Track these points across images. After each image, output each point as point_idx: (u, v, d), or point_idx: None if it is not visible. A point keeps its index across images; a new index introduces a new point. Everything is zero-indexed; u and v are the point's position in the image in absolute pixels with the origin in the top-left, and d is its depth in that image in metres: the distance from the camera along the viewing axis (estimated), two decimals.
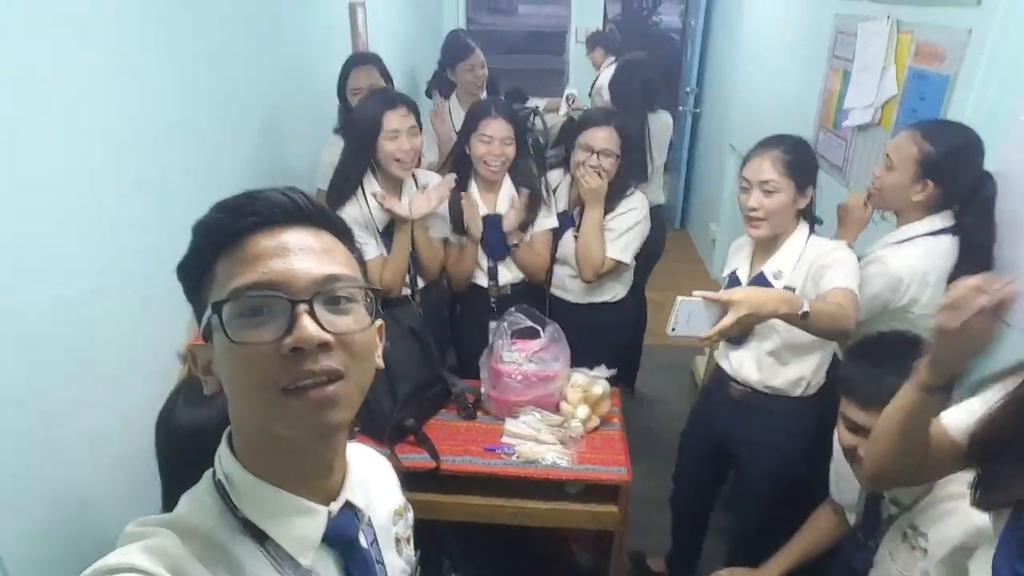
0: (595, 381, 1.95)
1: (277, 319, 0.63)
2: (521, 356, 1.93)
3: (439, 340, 2.21)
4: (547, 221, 2.24)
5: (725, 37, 4.87)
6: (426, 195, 2.01)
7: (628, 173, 2.23)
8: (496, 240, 2.20)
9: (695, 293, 1.50)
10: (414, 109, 2.01)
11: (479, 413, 2.00)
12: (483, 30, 6.62)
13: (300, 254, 0.66)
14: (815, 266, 1.66)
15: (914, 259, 1.64)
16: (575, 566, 2.35)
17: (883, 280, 1.65)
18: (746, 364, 1.84)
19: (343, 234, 0.73)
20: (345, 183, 2.04)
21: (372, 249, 2.04)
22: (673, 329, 1.56)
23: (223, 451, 0.71)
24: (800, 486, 1.83)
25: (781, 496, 1.88)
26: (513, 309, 1.99)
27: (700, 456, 2.07)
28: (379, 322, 0.73)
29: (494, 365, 1.93)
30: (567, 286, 2.32)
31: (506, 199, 2.20)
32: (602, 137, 2.12)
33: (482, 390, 2.00)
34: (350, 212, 2.01)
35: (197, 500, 0.70)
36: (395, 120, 1.94)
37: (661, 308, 2.23)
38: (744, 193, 1.73)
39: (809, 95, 2.97)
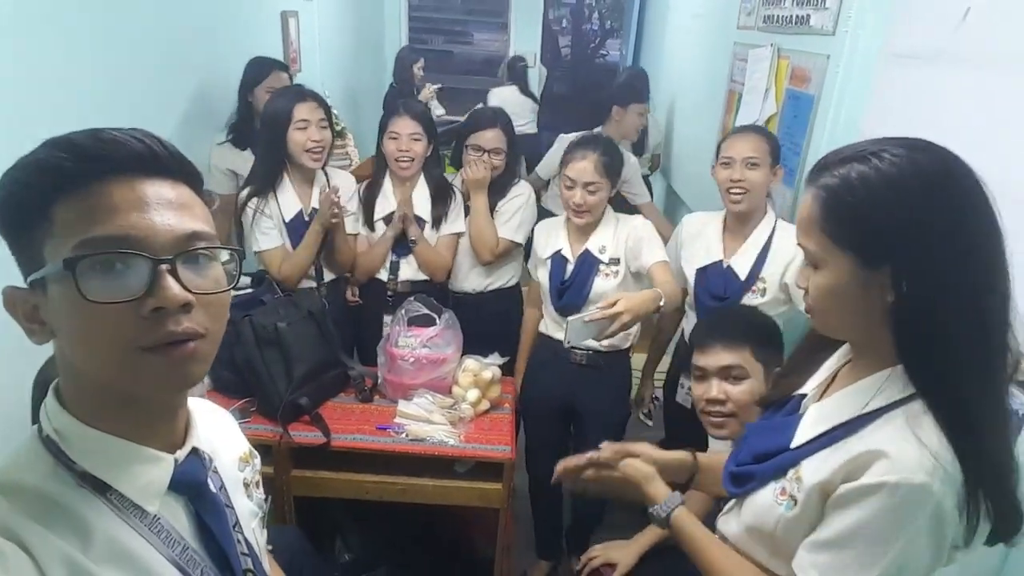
0: (486, 367, 2.05)
1: (135, 276, 0.60)
2: (416, 341, 2.02)
3: (345, 331, 2.28)
4: (455, 224, 2.35)
5: (650, 65, 5.14)
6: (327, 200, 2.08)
7: (514, 164, 2.42)
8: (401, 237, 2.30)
9: (584, 317, 1.74)
10: (324, 106, 2.11)
11: (376, 397, 2.08)
12: (430, 51, 6.83)
13: (159, 208, 0.63)
14: (631, 239, 2.00)
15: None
16: (473, 553, 2.42)
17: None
18: None
19: (198, 185, 0.70)
20: (264, 177, 2.12)
21: (274, 240, 2.12)
22: (568, 343, 1.82)
23: (51, 406, 0.67)
24: (624, 425, 2.19)
25: (616, 434, 2.09)
26: (412, 298, 2.09)
27: (549, 420, 2.23)
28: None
29: (390, 349, 2.01)
30: (464, 276, 2.43)
31: (421, 197, 2.31)
32: (490, 137, 2.28)
33: (379, 375, 2.08)
34: (256, 204, 2.09)
35: (23, 457, 0.67)
36: (305, 111, 2.04)
37: None
38: (569, 190, 1.99)
39: (713, 116, 3.18)
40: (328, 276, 2.28)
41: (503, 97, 5.05)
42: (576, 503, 2.41)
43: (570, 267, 2.05)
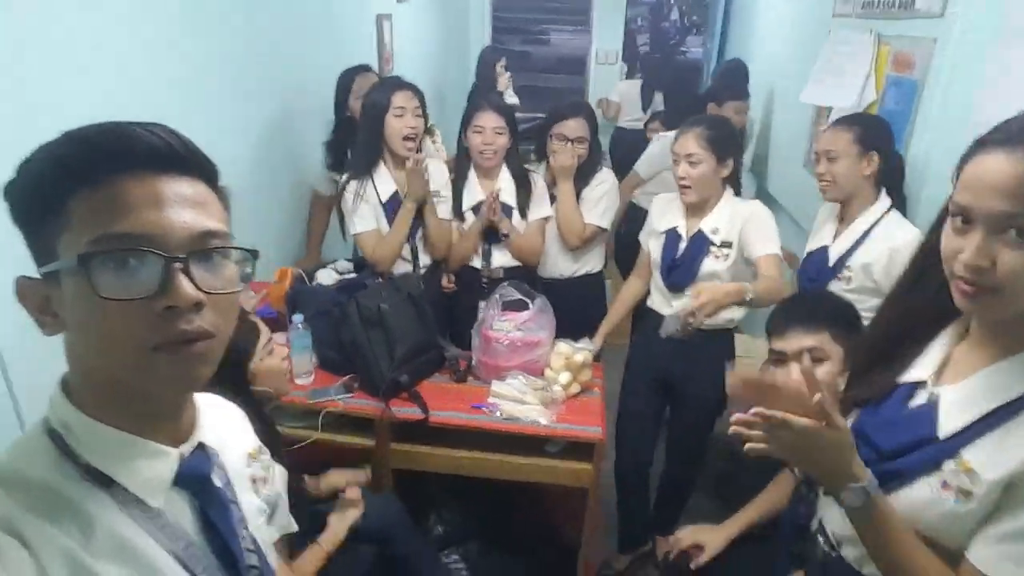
0: (578, 350, 2.09)
1: (148, 273, 0.60)
2: (510, 325, 2.08)
3: (439, 316, 2.38)
4: (542, 210, 2.41)
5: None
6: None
7: (597, 152, 2.48)
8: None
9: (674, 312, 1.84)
10: (419, 95, 2.22)
11: (470, 378, 2.16)
12: (510, 51, 6.94)
13: (176, 205, 0.62)
14: (746, 224, 2.01)
15: (913, 232, 1.84)
16: (556, 534, 2.46)
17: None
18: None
19: (214, 181, 0.69)
20: (364, 161, 2.25)
21: (370, 222, 2.24)
22: (664, 333, 1.88)
23: (57, 399, 0.67)
24: (720, 407, 2.22)
25: (709, 416, 2.22)
26: (505, 283, 2.16)
27: (646, 394, 2.27)
28: (250, 296, 0.79)
29: (484, 332, 2.09)
30: (553, 262, 2.50)
31: (506, 188, 2.38)
32: (574, 126, 2.35)
33: (473, 357, 2.15)
34: (355, 188, 2.21)
35: (27, 449, 0.66)
36: (402, 99, 2.17)
37: None
38: (676, 165, 2.03)
39: (807, 108, 3.12)
40: (424, 261, 2.39)
41: (623, 90, 5.14)
42: (664, 488, 2.41)
43: (683, 245, 2.10)
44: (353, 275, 2.22)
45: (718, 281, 2.00)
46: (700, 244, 2.06)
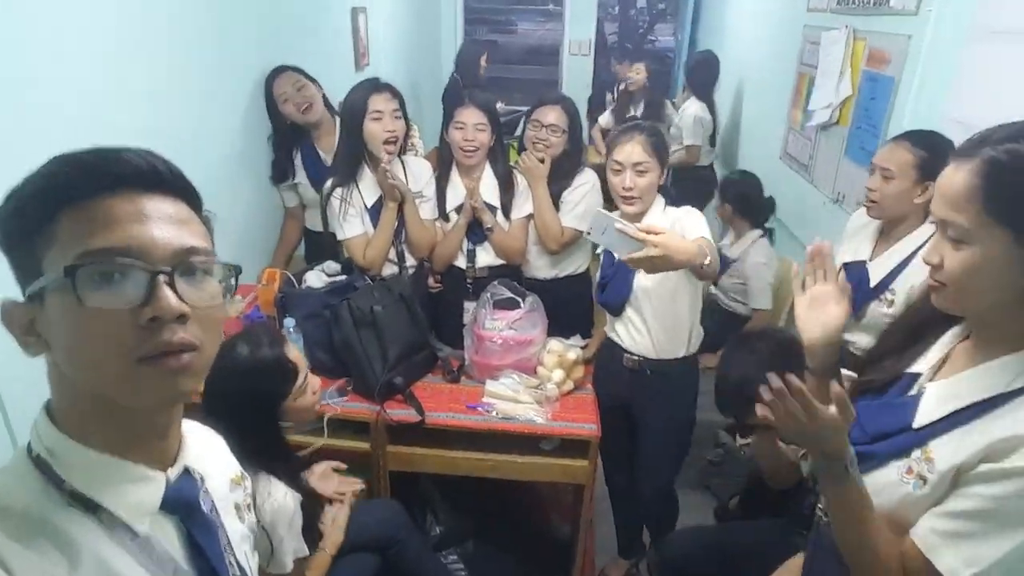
0: (570, 348, 2.12)
1: (133, 287, 0.61)
2: (502, 323, 2.10)
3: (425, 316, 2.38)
4: (525, 208, 2.42)
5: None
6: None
7: (578, 151, 2.45)
8: (475, 225, 2.37)
9: (616, 223, 1.56)
10: (399, 96, 2.20)
11: (463, 378, 2.17)
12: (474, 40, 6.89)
13: (159, 222, 0.64)
14: (678, 226, 1.81)
15: None
16: (551, 531, 2.51)
17: None
18: (636, 338, 2.00)
19: (197, 204, 0.71)
20: (346, 168, 2.23)
21: (357, 227, 2.23)
22: (588, 233, 1.65)
23: (41, 423, 0.67)
24: (690, 427, 2.10)
25: (677, 441, 2.11)
26: (496, 282, 2.17)
27: (610, 424, 2.06)
28: (238, 301, 0.80)
29: (477, 331, 2.10)
30: (534, 264, 2.49)
31: (488, 186, 2.39)
32: (551, 115, 2.33)
33: (465, 356, 2.17)
34: (340, 194, 2.20)
35: (11, 477, 0.66)
36: (380, 102, 2.13)
37: None
38: (617, 176, 1.88)
39: (780, 101, 3.18)
40: (410, 262, 2.38)
41: (606, 122, 4.76)
42: (647, 513, 2.34)
43: (615, 261, 1.97)
44: (342, 277, 2.21)
45: (649, 300, 1.92)
46: None
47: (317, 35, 3.05)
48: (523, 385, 2.06)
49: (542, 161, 2.33)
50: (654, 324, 1.95)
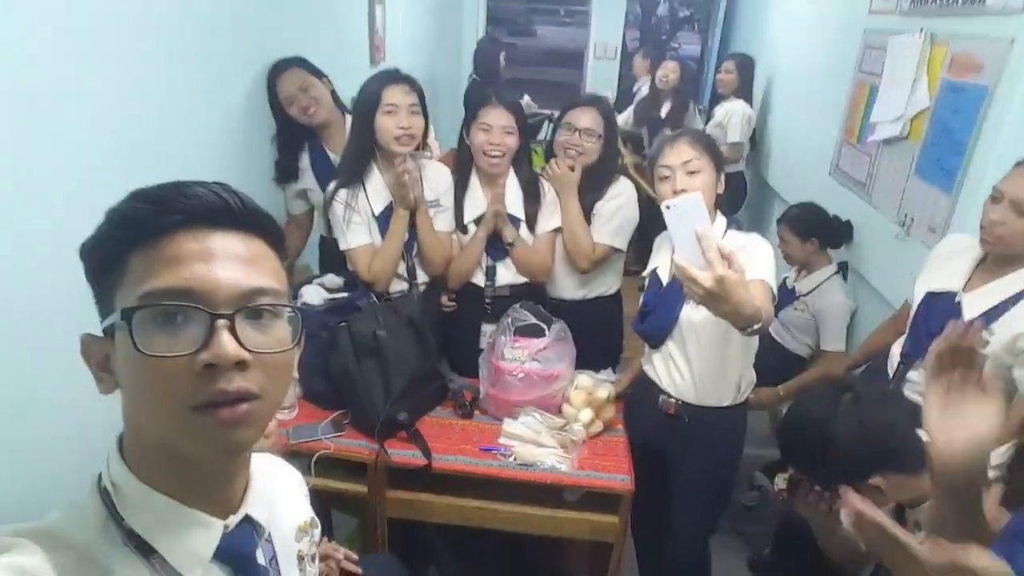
0: (600, 384, 1.85)
1: (193, 330, 0.59)
2: (524, 354, 1.83)
3: (436, 340, 2.11)
4: (553, 221, 2.15)
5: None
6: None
7: (613, 159, 2.18)
8: (497, 239, 2.10)
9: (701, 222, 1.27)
10: (418, 90, 1.93)
11: (477, 413, 1.90)
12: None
13: (226, 261, 0.61)
14: (741, 256, 1.46)
15: None
16: None
17: None
18: (676, 378, 1.72)
19: (275, 240, 0.67)
20: (353, 167, 1.96)
21: (363, 236, 1.96)
22: (668, 207, 1.33)
23: (113, 456, 0.65)
24: (731, 484, 1.90)
25: (715, 499, 1.85)
26: (518, 305, 1.91)
27: (641, 469, 1.81)
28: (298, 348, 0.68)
29: (495, 362, 1.83)
30: (560, 283, 2.22)
31: (513, 195, 2.12)
32: (586, 117, 2.05)
33: (481, 389, 1.90)
34: (344, 197, 1.93)
35: (78, 508, 0.64)
36: (395, 95, 1.86)
37: None
38: (665, 182, 1.61)
39: (833, 112, 2.90)
40: (422, 278, 2.12)
41: (622, 121, 4.38)
42: (679, 566, 2.00)
43: (662, 288, 1.74)
44: (344, 294, 1.95)
45: (696, 336, 1.65)
46: (679, 287, 1.57)
47: (329, 25, 2.80)
48: (545, 426, 1.80)
49: (572, 169, 2.06)
50: (699, 364, 1.68)
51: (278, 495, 0.79)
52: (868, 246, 2.46)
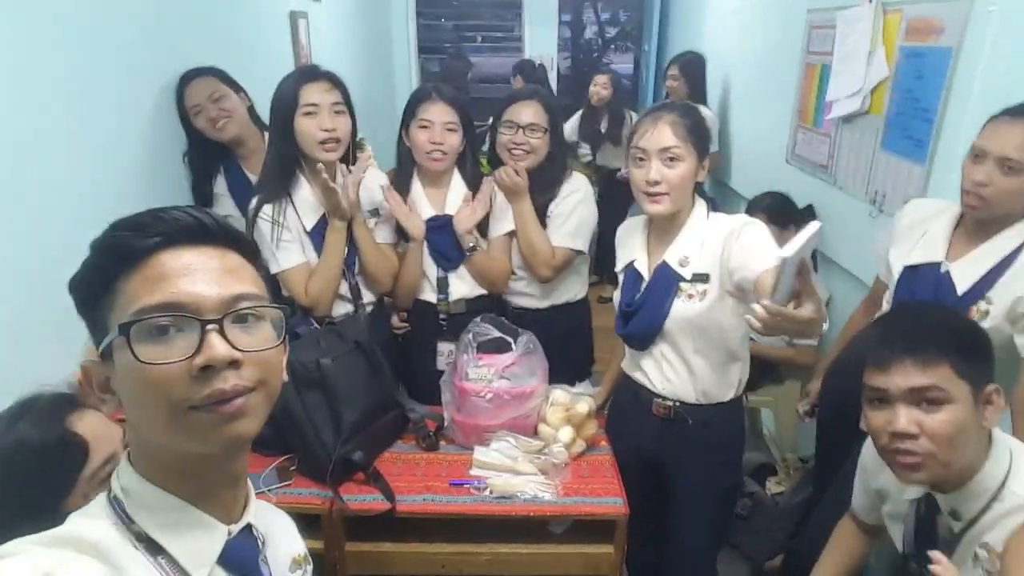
0: (579, 398, 1.66)
1: (185, 339, 0.63)
2: (490, 372, 1.63)
3: (389, 365, 1.88)
4: (504, 223, 1.97)
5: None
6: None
7: (562, 153, 2.02)
8: (446, 246, 1.91)
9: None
10: (341, 87, 1.71)
11: (443, 443, 1.68)
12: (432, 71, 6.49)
13: (206, 274, 0.66)
14: (726, 247, 1.41)
15: None
16: None
17: None
18: (673, 379, 1.56)
19: (249, 253, 0.72)
20: (276, 179, 1.73)
21: (296, 255, 1.73)
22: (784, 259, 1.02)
23: (123, 467, 0.70)
24: (736, 492, 1.75)
25: (721, 512, 1.68)
26: (479, 319, 1.70)
27: (636, 485, 1.63)
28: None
29: (459, 384, 1.62)
30: (523, 291, 2.04)
31: (457, 198, 1.93)
32: (528, 112, 1.89)
33: (445, 415, 1.69)
34: (270, 214, 1.71)
35: (88, 515, 0.68)
36: (314, 93, 1.65)
37: None
38: (639, 168, 1.48)
39: (784, 98, 2.82)
40: (367, 297, 1.89)
41: (571, 128, 4.28)
42: None
43: (644, 285, 1.57)
44: None
45: (691, 332, 1.49)
46: (665, 282, 1.51)
47: (248, 36, 2.58)
48: (522, 450, 1.60)
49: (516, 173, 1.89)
50: (698, 361, 1.51)
51: (274, 526, 0.82)
52: (837, 229, 2.34)
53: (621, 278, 1.65)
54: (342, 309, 1.83)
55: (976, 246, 1.49)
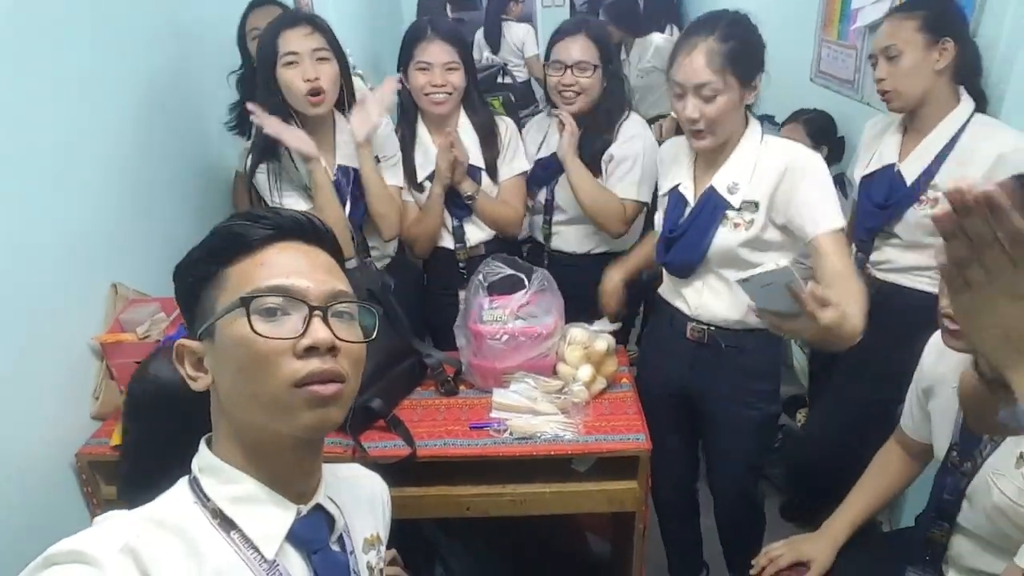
0: (597, 336, 1.62)
1: (293, 321, 0.70)
2: (504, 312, 1.60)
3: (413, 315, 1.86)
4: (515, 164, 1.90)
5: None
6: (362, 108, 1.66)
7: (620, 90, 1.88)
8: (454, 193, 1.85)
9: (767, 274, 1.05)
10: (324, 30, 1.61)
11: (462, 388, 1.67)
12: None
13: (313, 268, 0.74)
14: (787, 177, 1.36)
15: (1016, 134, 1.52)
16: (591, 556, 2.03)
17: None
18: (712, 301, 1.52)
19: (340, 258, 0.80)
20: (267, 135, 1.68)
21: (298, 206, 1.68)
22: (744, 282, 1.11)
23: (202, 450, 0.76)
24: (771, 429, 1.75)
25: (761, 437, 1.67)
26: (489, 259, 1.66)
27: (668, 415, 1.66)
28: (160, 320, 0.84)
29: (473, 327, 1.60)
30: (563, 234, 1.98)
31: (468, 141, 1.85)
32: (575, 48, 1.77)
33: (462, 360, 1.67)
34: (267, 166, 1.67)
35: (170, 496, 0.73)
36: (293, 41, 1.56)
37: None
38: (678, 100, 1.41)
39: (806, 12, 2.66)
40: (375, 253, 1.85)
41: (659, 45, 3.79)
42: (724, 532, 1.88)
43: (688, 210, 1.51)
44: None
45: (736, 260, 1.44)
46: (711, 207, 1.46)
47: None
48: (541, 391, 1.57)
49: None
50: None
51: (359, 503, 0.86)
52: None
53: (664, 202, 1.59)
54: (350, 264, 1.80)
55: (919, 143, 1.65)
